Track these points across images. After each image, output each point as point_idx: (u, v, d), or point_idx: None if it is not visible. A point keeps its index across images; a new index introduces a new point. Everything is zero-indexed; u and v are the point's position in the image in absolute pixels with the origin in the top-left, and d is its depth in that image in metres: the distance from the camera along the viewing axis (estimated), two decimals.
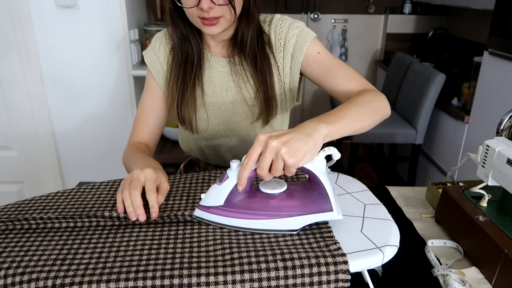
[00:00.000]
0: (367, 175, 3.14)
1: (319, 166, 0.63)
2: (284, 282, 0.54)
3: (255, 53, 0.89)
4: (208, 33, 0.83)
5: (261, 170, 0.60)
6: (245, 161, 0.61)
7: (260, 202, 0.65)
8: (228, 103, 0.95)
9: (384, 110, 0.80)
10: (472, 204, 0.71)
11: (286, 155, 0.58)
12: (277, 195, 0.66)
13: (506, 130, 0.71)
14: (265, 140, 0.60)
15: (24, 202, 0.75)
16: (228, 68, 0.93)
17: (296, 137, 0.60)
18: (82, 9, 1.56)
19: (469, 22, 2.87)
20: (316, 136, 0.62)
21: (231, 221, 0.65)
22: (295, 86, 0.96)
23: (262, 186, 0.67)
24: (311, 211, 0.63)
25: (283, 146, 0.59)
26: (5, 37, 1.56)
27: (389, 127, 2.36)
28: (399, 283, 0.62)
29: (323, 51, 0.90)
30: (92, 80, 1.68)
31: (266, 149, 0.59)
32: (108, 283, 0.52)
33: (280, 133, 0.61)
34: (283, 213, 0.63)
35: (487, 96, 1.88)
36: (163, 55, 0.95)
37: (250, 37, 0.88)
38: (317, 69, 0.90)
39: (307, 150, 0.60)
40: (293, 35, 0.89)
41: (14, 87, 1.63)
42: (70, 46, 1.61)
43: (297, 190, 0.68)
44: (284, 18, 0.92)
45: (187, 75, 0.91)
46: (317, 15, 3.37)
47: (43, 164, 1.77)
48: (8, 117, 1.68)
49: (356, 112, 0.73)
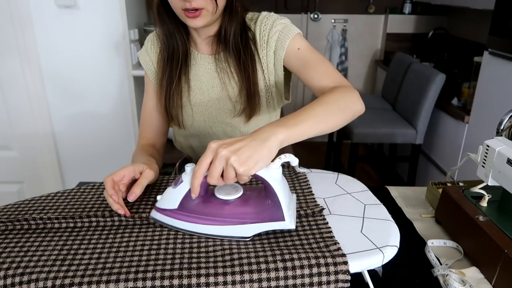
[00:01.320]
0: (367, 175, 3.14)
1: (273, 174, 0.61)
2: (284, 283, 0.54)
3: (239, 48, 0.89)
4: (192, 25, 0.83)
5: (210, 179, 0.59)
6: (195, 169, 0.60)
7: (214, 208, 0.65)
8: (214, 99, 0.96)
9: (355, 107, 0.78)
10: (472, 204, 0.71)
11: (236, 163, 0.57)
12: (231, 201, 0.65)
13: (506, 130, 0.71)
14: (215, 148, 0.59)
15: (24, 202, 0.75)
16: (214, 65, 0.94)
17: (250, 144, 0.59)
18: (82, 9, 1.56)
19: (469, 22, 2.87)
20: (271, 142, 0.61)
21: (184, 225, 0.65)
22: (281, 83, 0.96)
23: (217, 191, 0.66)
24: (264, 219, 0.62)
25: (232, 154, 0.58)
26: (5, 37, 1.56)
27: (389, 127, 2.36)
28: (399, 283, 0.62)
29: (304, 46, 0.89)
30: (92, 80, 1.68)
31: (216, 157, 0.58)
32: (107, 284, 0.52)
33: (233, 140, 0.60)
34: (235, 220, 0.63)
35: (487, 96, 1.88)
36: (155, 55, 0.97)
37: (233, 33, 0.88)
38: (297, 65, 0.89)
39: (260, 157, 0.59)
40: (276, 31, 0.89)
41: (14, 87, 1.63)
42: (70, 46, 1.61)
43: (252, 196, 0.67)
44: (269, 15, 0.92)
45: (173, 70, 0.93)
46: (317, 15, 3.37)
47: (43, 164, 1.77)
48: (8, 117, 1.68)
49: (321, 112, 0.71)
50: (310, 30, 3.46)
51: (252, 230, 0.62)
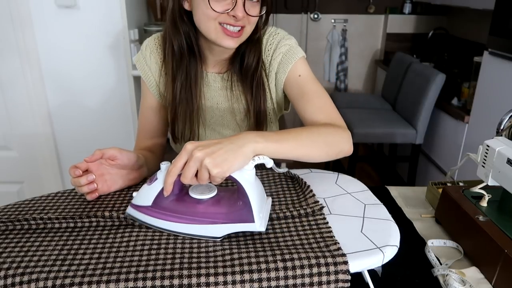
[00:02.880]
0: (367, 175, 3.14)
1: (246, 176, 0.62)
2: (284, 283, 0.54)
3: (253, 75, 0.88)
4: (225, 45, 0.79)
5: (184, 179, 0.60)
6: (170, 168, 0.61)
7: (187, 207, 0.65)
8: (218, 116, 0.96)
9: (342, 146, 0.78)
10: (472, 204, 0.71)
11: (210, 165, 0.58)
12: (204, 200, 0.66)
13: (506, 130, 0.71)
14: (191, 149, 0.60)
15: (24, 203, 0.75)
16: (220, 84, 0.92)
17: (226, 148, 0.60)
18: (82, 9, 1.56)
19: (469, 22, 2.87)
20: (247, 149, 0.62)
21: (157, 222, 0.65)
22: (282, 101, 0.96)
23: (191, 190, 0.67)
24: (234, 220, 0.62)
25: (207, 156, 0.58)
26: (5, 37, 1.56)
27: (389, 127, 2.36)
28: (399, 283, 0.62)
29: (305, 74, 0.87)
30: (92, 80, 1.68)
31: (191, 158, 0.59)
32: (108, 284, 0.52)
33: (210, 142, 0.61)
34: (206, 220, 0.63)
35: (487, 96, 1.88)
36: (155, 66, 0.92)
37: (251, 62, 0.86)
38: (295, 93, 0.88)
39: (234, 161, 0.60)
40: (280, 53, 0.87)
41: (14, 87, 1.63)
42: (70, 46, 1.61)
43: (225, 197, 0.67)
44: (276, 33, 0.89)
45: (190, 98, 0.89)
46: (317, 15, 3.37)
47: (43, 164, 1.77)
48: (8, 117, 1.68)
49: (305, 138, 0.71)
50: (310, 30, 3.46)
51: (222, 231, 0.63)
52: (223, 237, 0.63)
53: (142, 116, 1.00)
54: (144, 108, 0.99)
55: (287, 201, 0.75)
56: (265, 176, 0.86)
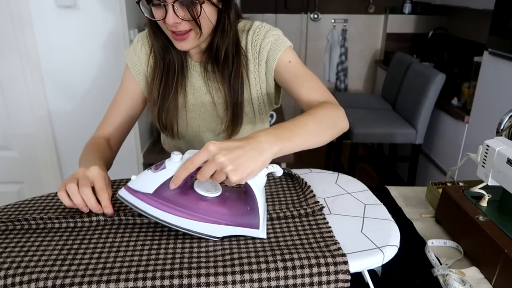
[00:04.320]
0: (367, 175, 3.14)
1: (258, 183, 0.62)
2: (284, 283, 0.54)
3: (229, 67, 0.89)
4: (179, 48, 0.84)
5: (201, 177, 0.59)
6: (187, 164, 0.59)
7: (190, 201, 0.64)
8: (207, 105, 0.97)
9: (341, 124, 0.79)
10: (472, 204, 0.71)
11: (232, 173, 0.57)
12: (209, 198, 0.65)
13: (506, 130, 0.71)
14: (214, 152, 0.58)
15: (24, 202, 0.76)
16: (204, 74, 0.94)
17: (247, 154, 0.59)
18: (82, 9, 1.56)
19: (469, 22, 2.87)
20: (267, 155, 0.61)
21: (155, 211, 0.62)
22: (272, 91, 0.97)
23: (196, 185, 0.65)
24: (238, 223, 0.62)
25: (230, 163, 0.57)
26: (5, 37, 1.56)
27: (389, 127, 2.36)
28: (399, 283, 0.62)
29: (294, 60, 0.91)
30: (92, 80, 1.68)
31: (213, 161, 0.58)
32: (108, 284, 0.52)
33: (232, 146, 0.59)
34: (209, 218, 0.62)
35: (487, 96, 1.88)
36: (144, 56, 0.96)
37: (224, 51, 0.88)
38: (287, 77, 0.90)
39: (254, 169, 0.59)
40: (268, 42, 0.90)
41: (14, 87, 1.63)
42: (70, 46, 1.61)
43: (231, 198, 0.67)
44: (262, 26, 0.92)
45: (169, 83, 0.92)
46: (317, 15, 3.37)
47: (43, 164, 1.77)
48: (8, 117, 1.68)
49: (313, 127, 0.72)
50: (310, 30, 3.46)
51: (223, 231, 0.62)
52: (221, 237, 0.63)
53: (114, 100, 0.99)
54: (118, 93, 0.99)
55: (287, 201, 0.75)
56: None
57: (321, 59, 3.55)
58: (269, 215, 0.69)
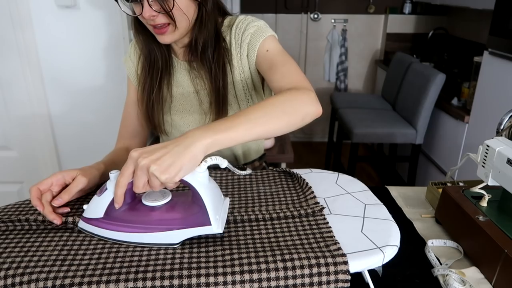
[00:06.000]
0: (367, 175, 3.15)
1: (199, 179, 0.60)
2: (284, 283, 0.54)
3: (210, 60, 0.89)
4: (161, 41, 0.85)
5: (136, 189, 0.58)
6: (119, 180, 0.59)
7: (140, 215, 0.63)
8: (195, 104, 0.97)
9: (306, 109, 0.72)
10: (472, 204, 0.71)
11: (157, 172, 0.56)
12: (158, 207, 0.64)
13: (506, 130, 0.71)
14: (136, 157, 0.58)
15: (24, 202, 0.76)
16: (189, 72, 0.95)
17: (171, 152, 0.57)
18: (82, 9, 1.56)
19: (469, 22, 2.88)
20: (195, 148, 0.58)
21: (110, 234, 0.63)
22: (259, 85, 0.96)
23: (144, 197, 0.65)
24: (190, 224, 0.61)
25: (152, 163, 0.56)
26: (5, 37, 1.56)
27: (389, 127, 2.36)
28: (399, 283, 0.62)
29: (273, 48, 0.87)
30: (92, 80, 1.68)
31: (137, 167, 0.57)
32: (108, 284, 0.52)
33: (154, 148, 0.59)
34: (162, 227, 0.61)
35: (487, 96, 1.88)
36: (136, 60, 0.99)
37: (203, 44, 0.87)
38: (264, 68, 0.87)
39: (182, 164, 0.57)
40: (248, 34, 0.88)
41: (14, 87, 1.63)
42: (70, 46, 1.61)
43: (180, 201, 0.66)
44: (245, 19, 0.91)
45: (153, 79, 0.94)
46: (317, 15, 3.37)
47: (43, 164, 1.77)
48: (8, 117, 1.68)
49: (260, 115, 0.67)
50: (310, 30, 3.46)
51: (179, 236, 0.61)
52: (180, 243, 0.61)
53: (124, 112, 1.03)
54: (127, 104, 1.03)
55: (287, 201, 0.75)
56: (265, 176, 0.86)
57: (321, 59, 3.55)
58: (269, 215, 0.69)
